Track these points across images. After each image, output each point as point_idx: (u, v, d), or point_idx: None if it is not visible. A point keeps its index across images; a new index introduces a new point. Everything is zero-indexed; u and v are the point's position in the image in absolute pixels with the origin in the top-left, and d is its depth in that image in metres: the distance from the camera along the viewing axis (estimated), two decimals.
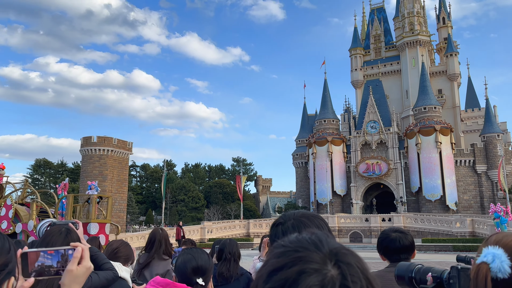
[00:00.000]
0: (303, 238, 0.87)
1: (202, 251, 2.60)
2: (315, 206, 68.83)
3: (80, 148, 70.32)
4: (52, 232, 2.68)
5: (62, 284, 1.51)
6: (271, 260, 0.83)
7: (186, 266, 2.44)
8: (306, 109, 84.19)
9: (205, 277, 2.46)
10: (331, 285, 0.76)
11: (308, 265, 0.78)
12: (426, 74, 68.23)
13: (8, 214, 13.38)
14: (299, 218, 1.63)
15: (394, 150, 66.90)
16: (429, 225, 48.16)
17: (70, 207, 14.09)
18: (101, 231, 13.43)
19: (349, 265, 0.80)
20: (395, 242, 2.99)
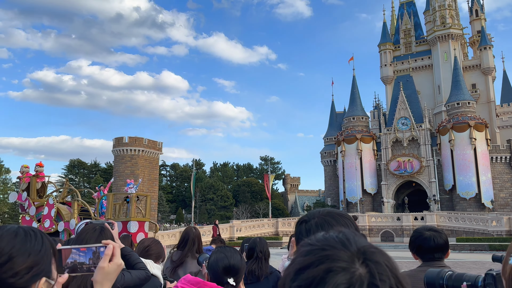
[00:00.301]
0: (330, 236, 0.86)
1: (235, 250, 2.59)
2: (345, 204, 68.08)
3: (112, 149, 72.05)
4: (86, 229, 2.77)
5: (94, 280, 1.54)
6: (298, 258, 0.83)
7: (218, 265, 2.44)
8: (334, 106, 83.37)
9: (236, 277, 2.44)
10: (359, 283, 0.74)
11: (336, 264, 0.77)
12: (459, 68, 66.29)
13: (51, 213, 13.65)
14: (323, 216, 1.59)
15: (427, 147, 65.36)
16: (463, 223, 46.85)
17: (111, 206, 14.32)
18: (140, 229, 13.63)
19: (378, 263, 0.79)
20: (429, 241, 2.90)
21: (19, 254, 1.17)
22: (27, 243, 1.21)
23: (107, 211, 14.31)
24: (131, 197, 14.56)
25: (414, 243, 2.98)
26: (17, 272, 1.15)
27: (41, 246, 1.23)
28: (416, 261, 3.07)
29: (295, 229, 1.75)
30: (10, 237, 1.20)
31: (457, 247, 37.00)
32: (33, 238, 1.23)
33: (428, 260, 2.90)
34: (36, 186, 14.64)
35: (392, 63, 76.63)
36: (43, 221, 13.71)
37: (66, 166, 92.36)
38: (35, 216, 14.03)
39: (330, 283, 0.74)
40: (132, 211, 14.18)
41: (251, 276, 4.26)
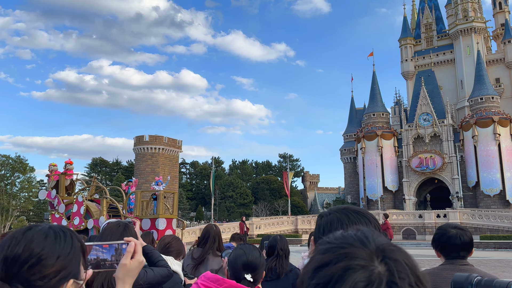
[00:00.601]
0: (349, 234, 0.85)
1: (255, 247, 2.60)
2: (365, 202, 67.43)
3: (133, 147, 73.06)
4: (110, 226, 2.83)
5: (117, 277, 1.56)
6: (316, 256, 0.82)
7: (237, 261, 2.46)
8: (354, 103, 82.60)
9: (254, 274, 2.45)
10: (378, 281, 0.74)
11: (354, 261, 0.76)
12: (482, 62, 64.75)
13: (80, 210, 13.76)
14: (342, 211, 1.59)
15: (449, 143, 64.14)
16: (487, 221, 45.85)
17: (139, 203, 14.42)
18: (168, 226, 13.74)
19: (397, 261, 0.78)
20: (455, 239, 2.84)
21: (48, 257, 1.16)
22: (57, 245, 1.19)
23: (135, 208, 14.40)
24: (159, 194, 14.56)
25: (439, 240, 2.91)
26: (46, 275, 1.15)
27: (71, 247, 1.22)
28: (438, 259, 3.03)
29: (315, 225, 1.75)
30: (41, 239, 1.18)
31: (481, 245, 36.24)
32: (62, 240, 1.22)
33: (453, 258, 2.84)
34: (64, 184, 14.76)
35: (413, 58, 75.34)
36: (73, 219, 13.80)
37: (89, 165, 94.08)
38: (65, 214, 14.13)
39: (349, 281, 0.73)
40: (160, 208, 14.20)
41: (271, 273, 4.27)
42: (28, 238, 1.18)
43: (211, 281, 2.32)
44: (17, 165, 61.12)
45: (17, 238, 1.18)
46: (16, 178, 61.93)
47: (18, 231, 1.22)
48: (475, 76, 64.52)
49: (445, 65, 73.32)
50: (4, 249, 1.16)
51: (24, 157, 63.00)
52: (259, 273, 2.49)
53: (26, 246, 1.16)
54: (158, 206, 14.33)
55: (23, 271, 1.14)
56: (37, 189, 70.47)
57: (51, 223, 1.31)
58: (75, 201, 13.98)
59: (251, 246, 2.60)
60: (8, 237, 1.20)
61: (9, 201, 59.38)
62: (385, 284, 0.74)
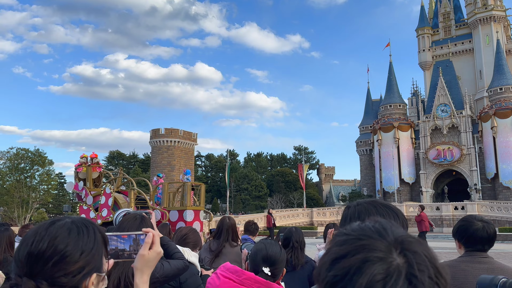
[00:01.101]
0: (367, 226, 0.84)
1: (276, 243, 2.65)
2: (381, 194, 66.92)
3: (149, 140, 73.75)
4: (127, 218, 2.86)
5: (135, 267, 1.57)
6: (333, 248, 0.81)
7: (257, 255, 2.52)
8: (370, 94, 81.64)
9: (273, 268, 2.48)
10: (396, 274, 0.73)
11: (373, 253, 0.75)
12: (502, 52, 63.28)
13: (108, 202, 13.73)
14: (370, 202, 1.58)
15: (467, 135, 63.09)
16: (506, 213, 45.12)
17: (166, 195, 14.45)
18: (196, 218, 13.79)
19: (416, 253, 0.77)
20: (482, 232, 2.79)
21: (72, 253, 1.17)
22: (80, 240, 1.20)
23: (163, 199, 14.42)
24: (185, 185, 14.53)
25: (464, 233, 2.85)
26: (70, 272, 1.16)
27: (94, 242, 1.23)
28: (456, 252, 2.98)
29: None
30: (64, 234, 1.19)
31: (500, 238, 35.67)
32: (85, 235, 1.22)
33: (478, 251, 2.80)
34: (92, 176, 14.82)
35: (430, 48, 74.02)
36: (101, 210, 13.83)
37: (106, 157, 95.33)
38: (93, 205, 14.16)
39: (367, 273, 0.72)
40: (188, 200, 14.18)
41: (287, 265, 4.28)
42: (52, 234, 1.18)
43: (231, 272, 2.35)
44: (36, 158, 62.27)
45: (40, 234, 1.18)
46: (35, 171, 63.15)
47: (41, 226, 1.22)
48: (494, 65, 63.14)
49: (463, 55, 71.90)
50: (28, 245, 1.16)
51: (43, 151, 64.14)
52: (278, 268, 2.52)
53: (50, 242, 1.16)
54: (186, 197, 14.33)
55: (47, 268, 1.14)
56: (56, 182, 71.84)
57: (73, 216, 1.32)
58: (102, 192, 14.00)
59: (273, 242, 2.66)
60: (31, 233, 1.20)
61: (29, 194, 60.65)
62: (404, 276, 0.73)
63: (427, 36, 74.21)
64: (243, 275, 2.32)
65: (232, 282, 2.31)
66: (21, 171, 61.64)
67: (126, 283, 2.55)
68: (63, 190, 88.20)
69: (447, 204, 50.01)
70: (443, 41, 73.80)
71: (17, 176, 60.84)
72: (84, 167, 15.05)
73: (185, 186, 14.64)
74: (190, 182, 15.03)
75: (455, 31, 73.83)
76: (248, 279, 2.30)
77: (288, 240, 4.45)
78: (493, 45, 66.48)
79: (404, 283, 0.72)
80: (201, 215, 14.33)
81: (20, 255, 1.16)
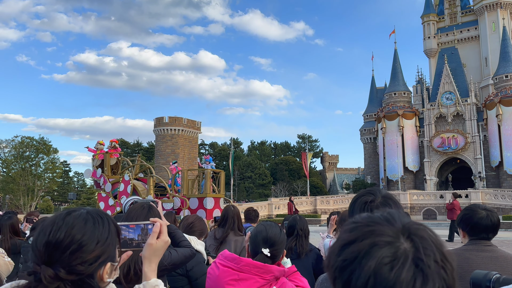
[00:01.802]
0: (375, 215, 0.87)
1: (276, 225, 2.67)
2: (385, 182, 66.94)
3: (153, 128, 73.87)
4: (135, 208, 2.89)
5: (143, 256, 1.60)
6: (343, 235, 0.84)
7: (257, 236, 2.53)
8: (375, 82, 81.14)
9: (273, 249, 2.49)
10: (403, 257, 0.76)
11: (380, 238, 0.78)
12: (508, 39, 62.55)
13: (127, 189, 13.47)
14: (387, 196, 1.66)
15: (472, 123, 62.77)
16: (511, 201, 45.10)
17: (186, 182, 14.21)
18: (216, 206, 13.60)
19: (423, 238, 0.80)
20: (486, 220, 2.81)
21: (88, 243, 1.23)
22: (96, 230, 1.26)
23: (182, 187, 14.18)
24: (206, 173, 14.25)
25: (468, 221, 2.87)
26: (86, 260, 1.22)
27: (108, 232, 1.28)
28: (460, 240, 3.00)
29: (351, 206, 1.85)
30: (81, 224, 1.25)
31: (504, 226, 35.71)
32: (101, 225, 1.28)
33: (482, 239, 2.82)
34: (110, 163, 14.58)
35: (436, 35, 73.27)
36: (119, 198, 13.57)
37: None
38: (111, 193, 13.96)
39: (375, 257, 0.75)
40: (208, 188, 13.88)
41: (291, 253, 4.32)
42: (69, 224, 1.24)
43: (229, 260, 2.37)
44: (41, 147, 62.60)
45: (58, 224, 1.24)
46: (40, 159, 63.54)
47: (58, 216, 1.28)
48: (500, 53, 62.49)
49: (469, 42, 71.15)
50: (46, 235, 1.22)
51: (48, 139, 64.55)
52: (278, 249, 2.53)
53: (67, 232, 1.22)
54: (206, 185, 14.05)
55: (65, 256, 1.20)
56: (61, 170, 72.26)
57: (88, 207, 1.38)
58: (121, 180, 13.76)
59: (273, 223, 2.67)
60: (49, 223, 1.25)
61: (34, 182, 61.10)
62: (411, 260, 0.76)
63: (432, 23, 73.41)
64: (241, 262, 2.33)
65: (231, 270, 2.32)
66: (26, 159, 62.03)
67: (135, 270, 2.59)
68: (68, 178, 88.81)
69: (451, 192, 49.97)
70: (448, 28, 73.00)
71: (22, 164, 61.25)
72: (97, 155, 14.61)
73: (205, 173, 14.31)
74: (211, 169, 14.71)
75: (461, 18, 72.96)
76: (246, 265, 2.31)
77: (293, 228, 4.48)
78: (499, 32, 65.71)
79: (411, 266, 0.75)
80: (221, 203, 14.09)
81: (38, 244, 1.21)
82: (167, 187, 13.89)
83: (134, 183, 13.44)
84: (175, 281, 3.70)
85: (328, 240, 4.72)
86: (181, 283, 3.66)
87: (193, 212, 12.36)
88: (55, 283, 1.18)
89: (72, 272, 1.20)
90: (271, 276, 2.33)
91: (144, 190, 13.55)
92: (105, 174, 14.35)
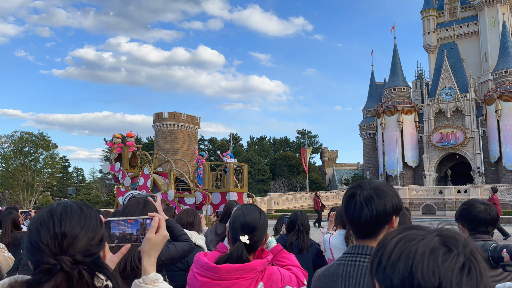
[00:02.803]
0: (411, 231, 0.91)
1: (255, 208, 2.44)
2: (384, 178, 67.05)
3: (152, 124, 73.80)
4: (131, 203, 2.85)
5: (142, 251, 1.60)
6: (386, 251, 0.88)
7: (235, 222, 2.34)
8: (374, 77, 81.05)
9: (252, 235, 2.28)
10: (434, 243, 0.84)
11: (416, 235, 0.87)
12: (508, 34, 62.46)
13: (147, 183, 13.15)
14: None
15: (471, 118, 62.81)
16: (509, 196, 45.25)
17: (207, 176, 13.82)
18: (239, 200, 13.23)
19: (454, 237, 0.86)
20: (485, 214, 2.83)
21: (91, 225, 1.32)
22: (92, 215, 1.36)
23: (204, 181, 13.79)
24: (229, 167, 13.90)
25: (467, 215, 2.88)
26: (94, 242, 1.30)
27: (96, 217, 1.36)
28: None
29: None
30: (78, 212, 1.33)
31: (503, 221, 35.68)
32: (91, 210, 1.37)
33: (482, 233, 2.83)
34: (128, 156, 14.28)
35: (435, 30, 73.13)
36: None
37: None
38: (130, 187, 13.66)
39: (419, 246, 0.83)
40: (231, 182, 13.58)
41: (292, 248, 4.32)
42: (68, 214, 1.30)
43: (206, 269, 2.19)
44: (40, 142, 62.54)
45: (56, 216, 1.29)
46: (39, 155, 63.49)
47: (51, 209, 1.32)
48: (500, 48, 62.44)
49: (468, 38, 71.05)
50: (50, 228, 1.26)
51: (47, 134, 64.40)
52: (258, 234, 2.31)
53: (69, 221, 1.29)
54: (229, 179, 13.70)
55: (76, 242, 1.26)
56: (60, 165, 72.18)
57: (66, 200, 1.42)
58: (141, 174, 13.47)
59: (252, 207, 2.45)
60: (46, 218, 1.29)
61: (34, 177, 61.09)
62: (441, 243, 0.84)
63: (432, 18, 73.24)
64: (220, 270, 2.15)
65: (212, 281, 2.16)
66: (26, 155, 61.98)
67: (132, 266, 2.57)
68: (67, 173, 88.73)
69: (450, 188, 50.11)
70: (448, 23, 72.85)
71: (22, 159, 61.21)
72: (115, 148, 14.15)
73: (228, 166, 13.89)
74: (234, 163, 14.38)
75: (461, 13, 72.80)
76: (226, 272, 2.15)
77: (294, 223, 4.47)
78: (498, 27, 65.61)
79: (442, 247, 0.82)
80: (244, 197, 13.73)
81: (44, 240, 1.25)
82: (188, 181, 13.43)
83: (154, 177, 13.12)
84: (176, 276, 3.69)
85: (327, 236, 4.71)
86: (182, 278, 3.65)
87: (215, 208, 12.01)
88: (76, 268, 1.23)
89: (87, 255, 1.27)
90: (254, 273, 2.18)
91: (164, 184, 13.21)
92: (124, 168, 13.96)
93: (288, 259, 2.48)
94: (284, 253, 2.50)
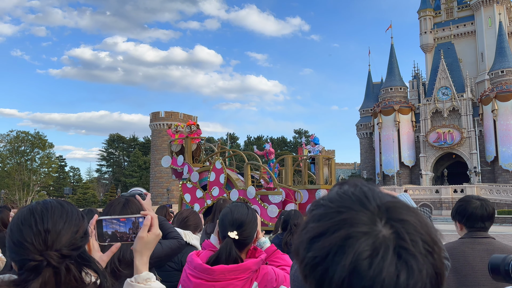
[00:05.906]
0: (346, 194, 0.72)
1: (243, 205, 2.45)
2: (381, 177, 67.19)
3: (149, 123, 73.65)
4: (112, 202, 2.74)
5: (134, 249, 1.59)
6: (310, 224, 0.70)
7: (223, 220, 2.34)
8: (371, 77, 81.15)
9: (241, 231, 2.26)
10: (383, 248, 0.63)
11: (355, 228, 0.65)
12: (504, 34, 62.68)
13: (219, 179, 11.67)
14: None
15: (468, 118, 62.99)
16: (505, 196, 45.43)
17: (290, 170, 12.45)
18: None
19: (404, 221, 0.66)
20: (481, 209, 2.82)
21: (74, 219, 1.30)
22: (73, 209, 1.34)
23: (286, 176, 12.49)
24: (317, 159, 12.18)
25: (464, 212, 2.86)
26: (80, 234, 1.29)
27: (77, 213, 1.34)
28: (456, 234, 2.99)
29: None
30: (59, 207, 1.31)
31: (498, 220, 35.97)
32: (72, 207, 1.35)
33: (479, 229, 2.82)
34: (191, 149, 12.76)
35: (432, 30, 73.28)
36: (210, 189, 11.72)
37: (106, 141, 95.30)
38: (198, 183, 12.13)
39: (350, 252, 0.63)
40: (321, 177, 11.96)
41: (288, 247, 4.31)
42: (49, 209, 1.29)
43: (199, 271, 2.18)
44: (37, 141, 62.36)
45: (37, 213, 1.27)
46: (35, 154, 63.32)
47: (31, 208, 1.31)
48: (496, 48, 62.65)
49: (465, 37, 71.24)
50: (32, 226, 1.24)
51: (43, 134, 64.53)
52: (247, 229, 2.28)
53: (50, 217, 1.27)
54: (318, 174, 11.97)
55: (61, 237, 1.25)
56: (56, 164, 71.97)
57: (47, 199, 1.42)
58: (212, 168, 11.83)
59: (240, 203, 2.45)
60: (27, 215, 1.28)
61: (30, 177, 60.89)
62: (392, 250, 0.63)
63: (429, 18, 73.41)
64: (214, 272, 2.14)
65: (206, 283, 2.15)
66: (22, 154, 61.77)
67: (112, 268, 2.45)
68: (63, 173, 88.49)
69: (447, 187, 50.27)
70: (445, 23, 73.03)
71: (18, 159, 61.00)
72: (176, 140, 12.70)
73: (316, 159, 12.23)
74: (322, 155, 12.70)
75: (457, 13, 72.98)
76: (221, 273, 2.13)
77: (286, 223, 4.47)
78: (495, 27, 65.83)
79: (393, 258, 0.63)
80: None
81: (28, 238, 1.22)
82: (273, 177, 12.06)
83: (227, 173, 11.69)
84: (170, 276, 3.67)
85: None
86: (176, 278, 3.63)
87: (302, 207, 10.69)
88: (63, 262, 1.22)
89: (73, 248, 1.25)
90: (249, 273, 2.16)
91: (238, 180, 11.85)
92: (188, 162, 12.40)
93: (283, 259, 2.47)
94: (278, 253, 2.49)
